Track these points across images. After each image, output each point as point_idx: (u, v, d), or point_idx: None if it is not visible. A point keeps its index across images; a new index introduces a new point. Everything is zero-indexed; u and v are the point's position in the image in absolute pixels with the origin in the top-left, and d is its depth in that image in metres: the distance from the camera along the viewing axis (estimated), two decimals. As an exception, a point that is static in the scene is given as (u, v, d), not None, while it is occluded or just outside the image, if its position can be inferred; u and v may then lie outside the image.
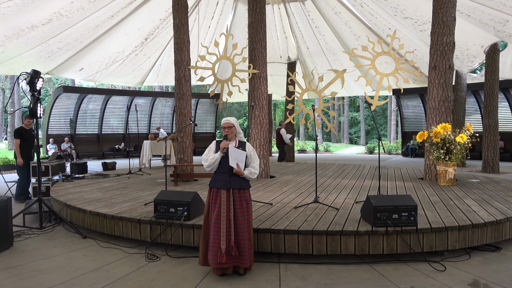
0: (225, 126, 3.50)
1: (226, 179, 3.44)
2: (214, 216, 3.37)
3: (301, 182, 7.76)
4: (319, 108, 9.05)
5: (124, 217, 4.68)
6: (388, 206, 4.07)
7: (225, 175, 3.45)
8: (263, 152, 8.32)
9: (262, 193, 6.33)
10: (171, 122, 19.34)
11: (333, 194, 6.16)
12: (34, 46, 10.23)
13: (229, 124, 3.51)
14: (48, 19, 9.42)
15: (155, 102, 18.90)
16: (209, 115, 20.44)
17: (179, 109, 8.02)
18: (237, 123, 3.59)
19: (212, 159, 3.43)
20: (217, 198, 3.40)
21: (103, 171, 10.34)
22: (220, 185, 3.42)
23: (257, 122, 8.27)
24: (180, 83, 8.03)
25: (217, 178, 3.46)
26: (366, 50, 8.28)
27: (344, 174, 9.04)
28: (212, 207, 3.42)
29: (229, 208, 3.38)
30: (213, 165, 3.43)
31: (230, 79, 9.11)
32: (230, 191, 3.44)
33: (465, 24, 9.97)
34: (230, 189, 3.44)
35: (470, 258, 4.05)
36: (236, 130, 3.61)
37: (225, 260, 3.32)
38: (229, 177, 3.45)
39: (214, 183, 3.46)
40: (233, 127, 3.55)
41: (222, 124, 3.50)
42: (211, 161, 3.43)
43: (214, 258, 3.33)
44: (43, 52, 10.68)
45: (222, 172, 3.46)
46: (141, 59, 13.27)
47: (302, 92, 9.03)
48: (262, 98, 8.32)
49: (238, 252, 3.38)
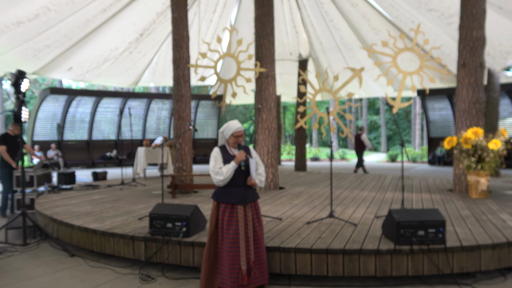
0: (239, 134, 3.51)
1: (242, 193, 3.44)
2: (230, 236, 3.33)
3: (314, 194, 7.73)
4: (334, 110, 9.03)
5: (115, 233, 4.69)
6: (413, 222, 4.03)
7: (240, 188, 3.44)
8: (271, 161, 8.32)
9: (270, 207, 6.32)
10: (168, 127, 19.45)
11: (351, 208, 6.13)
12: (19, 44, 10.40)
13: (242, 132, 3.55)
14: (35, 14, 9.59)
15: (151, 105, 19.04)
16: (211, 119, 20.53)
17: (178, 113, 8.07)
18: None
19: (228, 172, 3.41)
20: (233, 215, 3.38)
21: (93, 182, 10.41)
22: (236, 200, 3.41)
23: (264, 127, 8.28)
24: (178, 84, 8.08)
25: (230, 192, 3.43)
26: (387, 46, 8.28)
27: (363, 185, 8.99)
28: (226, 226, 3.37)
29: (247, 225, 3.38)
30: (228, 178, 3.42)
31: (234, 78, 9.15)
32: (248, 206, 3.45)
33: (497, 17, 9.93)
34: (247, 203, 3.45)
35: (505, 281, 3.98)
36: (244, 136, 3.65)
37: (246, 282, 3.31)
38: (244, 191, 3.46)
39: (228, 198, 3.42)
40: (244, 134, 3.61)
41: (234, 131, 3.48)
42: (227, 175, 3.41)
43: (234, 281, 3.31)
44: (29, 50, 10.85)
45: (237, 186, 3.45)
46: (136, 57, 13.41)
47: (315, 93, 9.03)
48: (270, 99, 8.35)
49: (259, 269, 3.40)
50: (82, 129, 17.95)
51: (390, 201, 6.72)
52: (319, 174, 12.04)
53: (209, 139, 20.42)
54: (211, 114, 20.49)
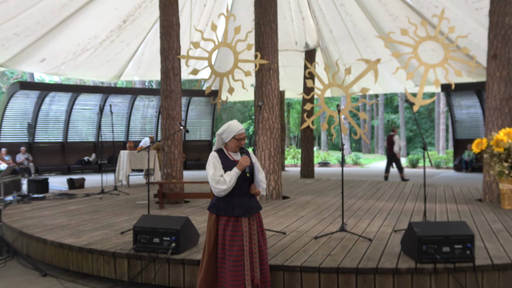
0: (242, 137, 3.52)
1: (246, 203, 3.44)
2: (234, 253, 3.32)
3: (323, 204, 7.73)
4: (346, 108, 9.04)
5: (94, 249, 4.69)
6: (436, 236, 4.03)
7: (244, 198, 3.45)
8: (274, 166, 8.32)
9: (272, 219, 6.32)
10: (155, 127, 19.47)
11: (365, 221, 6.13)
12: (-17, 32, 10.43)
13: (245, 134, 3.57)
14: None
15: (136, 102, 19.07)
16: (204, 118, 20.55)
17: (166, 111, 8.08)
18: None
19: (232, 180, 3.41)
20: (237, 229, 3.36)
21: (68, 190, 10.40)
22: (241, 212, 3.40)
23: (266, 127, 8.29)
24: (167, 77, 8.10)
25: (234, 203, 3.42)
26: (407, 35, 8.29)
27: (379, 194, 8.99)
28: (229, 241, 3.35)
29: (252, 239, 3.38)
30: (231, 187, 3.42)
31: (232, 72, 9.16)
32: (253, 218, 3.45)
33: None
34: (253, 215, 3.46)
35: (545, 305, 3.97)
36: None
37: None
38: (249, 201, 3.47)
39: (231, 210, 3.40)
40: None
41: (236, 134, 3.48)
42: (230, 183, 3.40)
43: None
44: (-5, 39, 10.88)
45: (240, 195, 3.45)
46: (118, 47, 13.43)
47: (324, 88, 9.03)
48: (272, 96, 8.35)
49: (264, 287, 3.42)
50: (56, 129, 17.95)
51: (410, 213, 6.71)
52: (328, 181, 12.03)
53: (203, 141, 20.43)
54: (204, 112, 20.51)
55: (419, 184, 10.87)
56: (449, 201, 7.84)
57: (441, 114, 32.29)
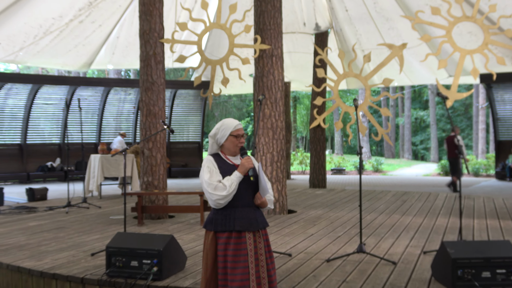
0: (240, 133, 3.51)
1: (251, 215, 3.43)
2: (238, 277, 3.28)
3: (336, 220, 7.73)
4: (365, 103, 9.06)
5: (59, 275, 4.68)
6: (475, 259, 4.03)
7: (247, 209, 3.43)
8: (277, 173, 8.33)
9: (275, 238, 6.32)
10: (133, 126, 19.47)
11: (388, 240, 6.14)
12: None
13: (243, 130, 3.56)
14: None
15: (109, 95, 19.07)
16: (193, 115, 20.54)
17: (147, 106, 8.09)
18: None
19: (233, 185, 3.40)
20: (241, 246, 3.33)
21: (28, 203, 10.38)
22: (244, 225, 3.37)
23: (267, 126, 8.29)
24: (148, 66, 8.11)
25: (235, 214, 3.39)
26: (438, 14, 8.31)
27: (404, 208, 8.99)
28: (231, 263, 3.31)
29: (259, 260, 3.36)
30: (232, 194, 3.41)
31: (226, 59, 9.17)
32: (259, 234, 3.44)
33: None
34: (259, 230, 3.45)
35: None
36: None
37: None
38: (254, 212, 3.46)
39: (232, 223, 3.37)
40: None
41: (233, 130, 3.48)
42: (231, 189, 3.39)
43: None
44: None
45: (243, 205, 3.44)
46: (88, 29, 13.44)
47: (338, 79, 9.06)
48: (275, 88, 8.36)
49: None
50: (13, 129, 17.93)
51: (442, 230, 6.71)
52: (343, 192, 12.02)
53: (191, 142, 20.43)
54: (193, 108, 20.50)
55: (453, 195, 10.87)
56: (490, 216, 7.83)
57: (480, 111, 32.28)
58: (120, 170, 11.00)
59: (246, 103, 41.82)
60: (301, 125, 39.56)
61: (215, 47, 15.03)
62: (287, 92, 17.94)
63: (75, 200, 10.12)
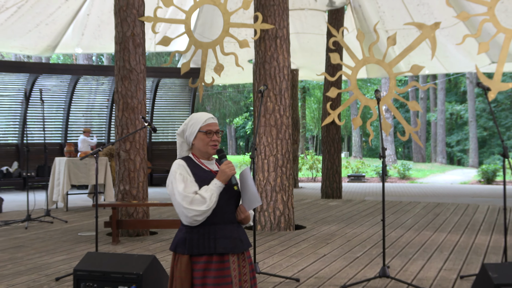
0: (212, 128, 3.44)
1: (234, 234, 3.39)
2: None
3: (354, 237, 7.72)
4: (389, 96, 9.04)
5: (16, 304, 4.66)
6: (522, 285, 4.01)
7: (229, 227, 3.39)
8: (282, 181, 8.31)
9: (280, 259, 6.30)
10: (107, 123, 19.45)
11: (417, 261, 6.13)
12: None
13: (217, 123, 3.48)
14: None
15: (78, 85, 19.05)
16: (180, 110, 20.54)
17: (123, 98, 8.08)
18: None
19: (213, 196, 3.33)
20: (224, 273, 3.30)
21: (-22, 216, 10.37)
22: (227, 246, 3.33)
23: (270, 123, 8.28)
24: (125, 49, 8.09)
25: (215, 233, 3.36)
26: (478, -13, 8.29)
27: (437, 223, 8.97)
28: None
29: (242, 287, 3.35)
30: (212, 209, 3.35)
31: (220, 41, 9.15)
32: (243, 256, 3.41)
33: None
34: (243, 252, 3.42)
35: None
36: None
37: None
38: (237, 230, 3.42)
39: (212, 244, 3.33)
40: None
41: (202, 124, 3.41)
42: (212, 202, 3.33)
43: None
44: None
45: (223, 222, 3.40)
46: (53, 5, 13.43)
47: (356, 66, 9.04)
48: (280, 77, 8.35)
49: None
50: (-40, 126, 17.92)
51: (483, 250, 6.69)
52: (362, 203, 12.00)
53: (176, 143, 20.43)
54: (180, 101, 20.49)
55: (496, 207, 10.85)
56: (542, 233, 7.81)
57: (529, 105, 32.32)
58: (91, 176, 10.98)
59: (244, 95, 41.85)
60: (312, 122, 39.56)
61: (206, 27, 15.02)
62: (295, 82, 17.93)
63: (36, 213, 10.10)
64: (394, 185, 21.14)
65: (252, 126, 39.86)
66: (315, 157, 25.55)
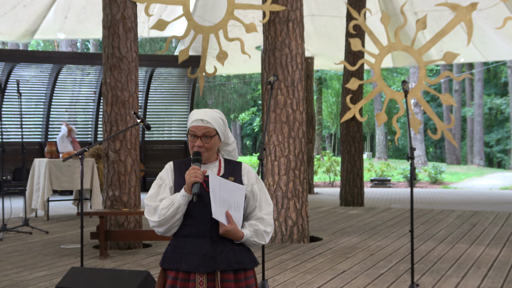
0: (195, 132, 3.45)
1: (206, 249, 3.39)
2: None
3: (378, 251, 7.71)
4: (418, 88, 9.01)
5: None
6: None
7: (202, 240, 3.40)
8: (295, 186, 8.30)
9: (292, 276, 6.29)
10: (93, 119, 19.49)
11: (451, 279, 6.10)
12: None
13: (205, 127, 3.45)
14: None
15: (60, 76, 19.09)
16: (177, 104, 20.54)
17: (113, 91, 8.08)
18: (223, 121, 3.53)
19: (168, 208, 3.35)
20: None
21: None
22: (191, 264, 3.36)
23: (281, 120, 8.26)
24: (114, 35, 8.09)
25: (184, 247, 3.38)
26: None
27: (474, 234, 8.93)
28: None
29: None
30: (170, 220, 3.34)
31: (223, 25, 9.15)
32: (217, 276, 3.40)
33: None
34: (217, 271, 3.40)
35: None
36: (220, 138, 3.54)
37: None
38: (211, 245, 3.40)
39: (178, 260, 3.38)
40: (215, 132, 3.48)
41: (190, 124, 3.42)
42: (165, 212, 3.35)
43: None
44: None
45: (196, 235, 3.41)
46: (32, -16, 13.47)
47: (380, 53, 9.03)
48: (292, 66, 8.34)
49: None
50: None
51: (529, 266, 6.65)
52: (388, 211, 11.97)
53: (174, 142, 20.43)
54: (177, 94, 20.50)
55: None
56: None
57: None
58: (75, 180, 10.99)
59: (251, 87, 41.84)
60: (329, 117, 39.58)
61: (208, 9, 15.04)
62: (309, 72, 17.93)
63: (13, 223, 10.12)
64: (424, 191, 21.09)
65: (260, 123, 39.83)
66: (333, 159, 25.56)
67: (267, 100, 6.46)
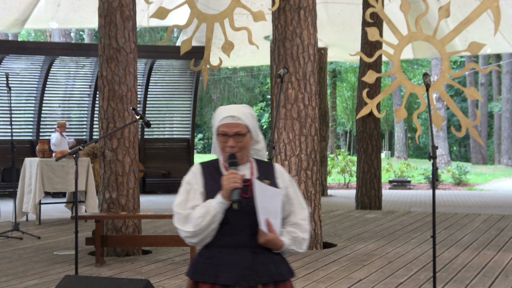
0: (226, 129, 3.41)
1: (246, 261, 3.38)
2: None
3: (397, 258, 7.72)
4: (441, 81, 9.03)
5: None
6: None
7: (242, 252, 3.39)
8: (307, 187, 8.33)
9: (304, 285, 6.31)
10: (88, 115, 19.52)
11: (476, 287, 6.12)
12: None
13: (237, 124, 3.40)
14: None
15: (52, 68, 19.14)
16: (179, 98, 20.55)
17: (109, 85, 8.13)
18: (254, 117, 3.46)
19: (204, 216, 3.30)
20: None
21: None
22: (232, 277, 3.35)
23: (292, 116, 8.29)
24: (111, 24, 8.13)
25: (220, 259, 3.38)
26: None
27: (501, 240, 8.93)
28: None
29: None
30: (206, 230, 3.30)
31: (229, 13, 9.18)
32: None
33: None
34: (258, 285, 3.40)
35: None
36: (252, 136, 3.48)
37: None
38: (252, 256, 3.39)
39: (214, 272, 3.36)
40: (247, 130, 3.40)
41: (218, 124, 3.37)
42: (201, 221, 3.29)
43: None
44: None
45: (234, 246, 3.39)
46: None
47: (400, 43, 9.05)
48: (304, 58, 8.36)
49: None
50: None
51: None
52: (408, 215, 11.97)
53: (176, 140, 20.43)
54: (179, 87, 20.51)
55: None
56: None
57: None
58: (69, 181, 11.02)
59: (259, 80, 41.81)
60: (344, 113, 39.50)
61: (212, -4, 15.07)
62: (322, 64, 17.93)
63: (2, 227, 10.19)
64: (447, 193, 21.06)
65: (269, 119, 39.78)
66: (348, 158, 25.49)
67: (277, 95, 6.48)
